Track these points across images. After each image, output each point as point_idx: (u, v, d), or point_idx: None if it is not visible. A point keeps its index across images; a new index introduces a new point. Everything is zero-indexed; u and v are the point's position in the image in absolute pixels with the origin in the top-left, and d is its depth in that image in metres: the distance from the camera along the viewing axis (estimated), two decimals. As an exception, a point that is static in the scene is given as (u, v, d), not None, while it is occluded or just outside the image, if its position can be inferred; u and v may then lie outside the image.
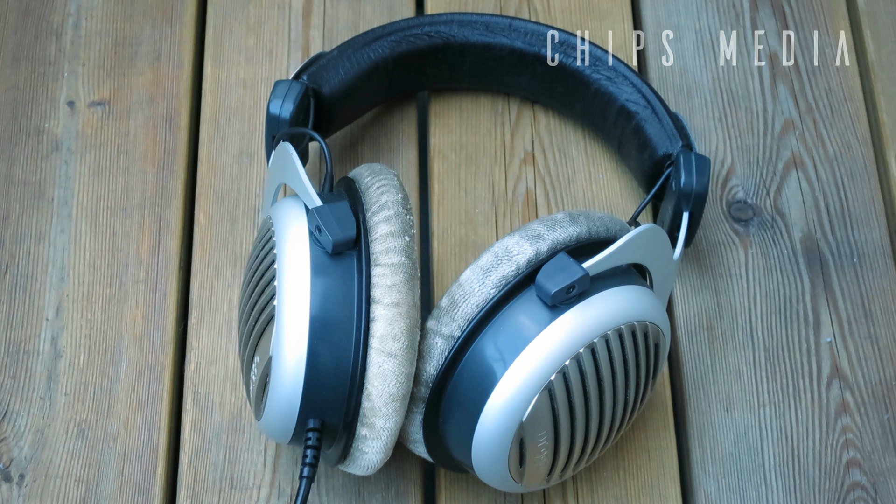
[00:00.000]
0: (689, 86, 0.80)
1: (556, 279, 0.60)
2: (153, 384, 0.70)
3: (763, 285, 0.74)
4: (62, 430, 0.69)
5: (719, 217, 0.76)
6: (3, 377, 0.70)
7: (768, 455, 0.69)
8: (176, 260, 0.74)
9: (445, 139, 0.78)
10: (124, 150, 0.77)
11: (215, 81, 0.79)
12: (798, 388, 0.71)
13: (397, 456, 0.67)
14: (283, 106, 0.69)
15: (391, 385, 0.60)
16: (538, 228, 0.62)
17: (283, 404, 0.61)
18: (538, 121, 0.79)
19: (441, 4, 0.82)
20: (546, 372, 0.60)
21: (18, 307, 0.72)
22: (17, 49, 0.80)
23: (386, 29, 0.75)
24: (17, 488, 0.67)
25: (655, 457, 0.69)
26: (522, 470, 0.62)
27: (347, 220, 0.61)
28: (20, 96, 0.79)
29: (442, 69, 0.77)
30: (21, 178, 0.76)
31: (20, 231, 0.74)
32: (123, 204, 0.75)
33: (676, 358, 0.72)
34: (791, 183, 0.77)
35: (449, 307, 0.61)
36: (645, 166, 0.73)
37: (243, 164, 0.77)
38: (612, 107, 0.74)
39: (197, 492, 0.68)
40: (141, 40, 0.80)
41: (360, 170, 0.65)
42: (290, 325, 0.60)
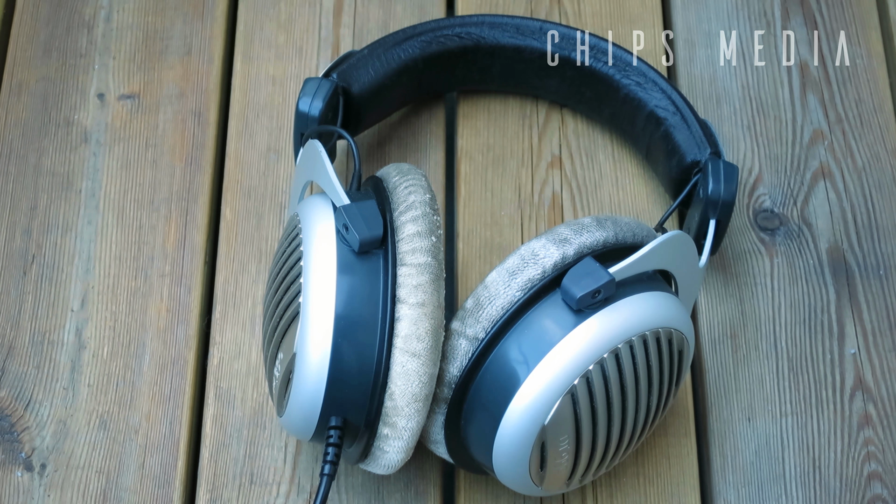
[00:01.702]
0: (719, 93, 0.80)
1: (581, 283, 0.60)
2: (176, 378, 0.70)
3: (788, 295, 0.74)
4: (84, 421, 0.69)
5: (745, 225, 0.76)
6: (27, 367, 0.70)
7: (789, 465, 0.69)
8: (201, 254, 0.74)
9: (473, 141, 0.78)
10: (153, 144, 0.77)
11: (245, 77, 0.80)
12: (821, 398, 0.71)
13: (417, 456, 0.67)
14: (313, 103, 0.69)
15: (414, 385, 0.60)
16: (565, 232, 0.62)
17: (306, 401, 0.61)
18: (566, 124, 0.79)
19: (472, 6, 0.82)
20: (570, 376, 0.60)
21: (44, 297, 0.73)
22: (48, 41, 0.80)
23: (416, 29, 0.75)
24: (38, 478, 0.68)
25: (676, 464, 0.69)
26: (543, 473, 0.62)
27: (375, 219, 0.61)
28: (51, 88, 0.79)
29: (471, 70, 0.77)
30: (50, 168, 0.76)
31: (48, 222, 0.75)
32: (150, 197, 0.76)
33: (699, 365, 0.72)
34: (819, 193, 0.77)
35: (474, 308, 0.61)
36: (672, 173, 0.73)
37: (270, 160, 0.77)
38: (641, 112, 0.74)
39: (217, 486, 0.68)
40: (172, 34, 0.81)
41: (387, 169, 0.65)
42: (314, 322, 0.60)
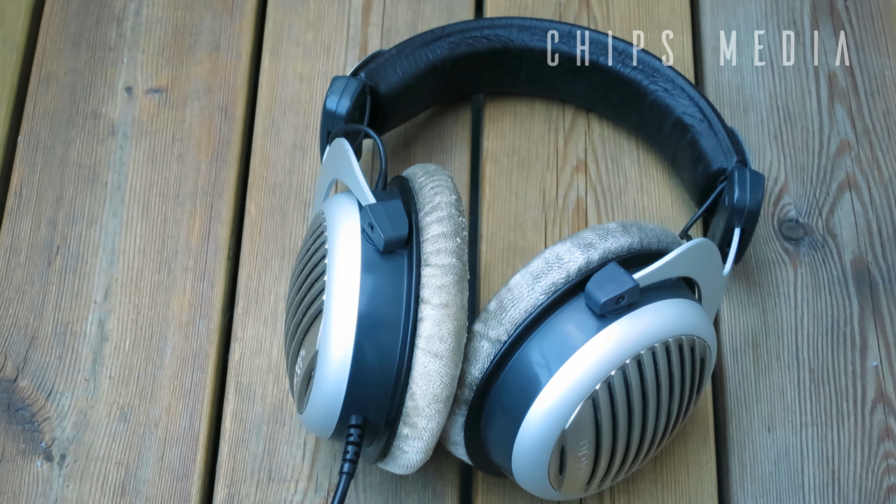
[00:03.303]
0: (746, 101, 0.80)
1: (605, 288, 0.60)
2: (196, 372, 0.71)
3: (811, 305, 0.73)
4: (105, 413, 0.69)
5: (770, 235, 0.76)
6: (49, 357, 0.71)
7: (808, 476, 0.69)
8: (225, 250, 0.74)
9: (498, 143, 0.78)
10: (179, 138, 0.78)
11: (272, 74, 0.80)
12: (841, 410, 0.70)
13: (436, 457, 0.67)
14: (340, 102, 0.70)
15: (436, 386, 0.60)
16: (590, 237, 0.62)
17: (327, 399, 0.61)
18: (592, 129, 0.79)
19: (500, 8, 0.82)
20: (591, 381, 0.60)
21: (68, 289, 0.73)
22: (78, 33, 0.81)
23: (445, 30, 0.75)
24: (57, 468, 0.68)
25: (694, 472, 0.69)
26: (562, 478, 0.62)
27: (400, 219, 0.61)
28: (79, 80, 0.79)
29: (499, 73, 0.77)
30: (76, 160, 0.77)
31: (73, 213, 0.75)
32: (176, 191, 0.76)
33: (720, 374, 0.72)
34: (844, 204, 0.76)
35: (497, 311, 0.61)
36: (698, 180, 0.72)
37: (296, 157, 0.77)
38: (668, 119, 0.74)
39: (235, 481, 0.68)
40: (201, 30, 0.81)
41: (414, 169, 0.65)
42: (337, 320, 0.60)
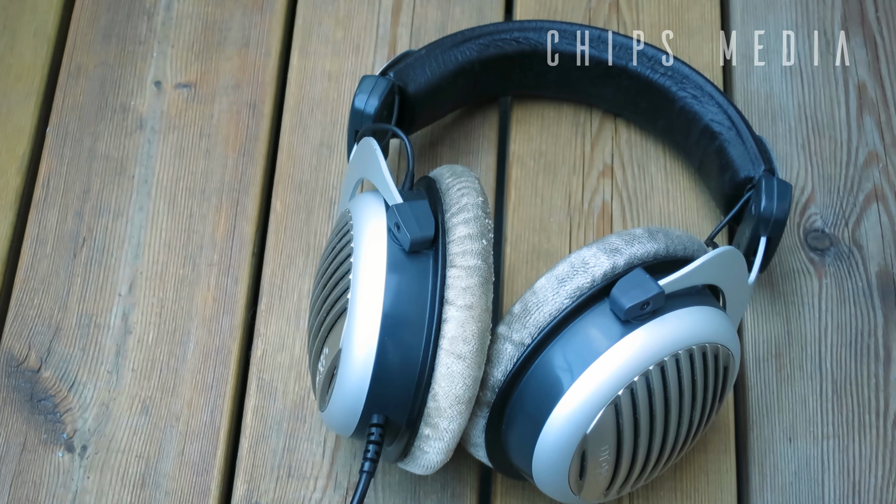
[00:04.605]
0: (775, 110, 0.79)
1: (631, 294, 0.60)
2: (219, 367, 0.71)
3: (835, 316, 0.73)
4: (127, 406, 0.70)
5: (795, 245, 0.75)
6: (73, 348, 0.71)
7: (829, 488, 0.68)
8: (250, 246, 0.75)
9: (525, 146, 0.78)
10: (207, 133, 0.78)
11: (301, 72, 0.80)
12: (864, 423, 0.70)
13: (456, 458, 0.67)
14: (369, 101, 0.70)
15: (458, 387, 0.60)
16: (616, 242, 0.62)
17: (349, 397, 0.61)
18: (619, 134, 0.78)
19: (530, 11, 0.82)
20: (614, 386, 0.60)
21: (92, 281, 0.73)
22: (108, 26, 0.81)
23: (475, 32, 0.75)
24: (78, 459, 0.68)
25: (714, 480, 0.69)
26: (582, 482, 0.62)
27: (426, 220, 0.61)
28: (109, 73, 0.79)
29: (527, 76, 0.77)
30: (104, 153, 0.77)
31: (100, 205, 0.75)
32: (202, 186, 0.76)
33: (742, 382, 0.72)
34: (871, 216, 0.76)
35: (521, 314, 0.61)
36: (725, 187, 0.72)
37: (323, 155, 0.77)
38: (696, 125, 0.74)
39: (255, 477, 0.68)
40: (231, 26, 0.81)
41: (441, 170, 0.65)
42: (362, 319, 0.60)
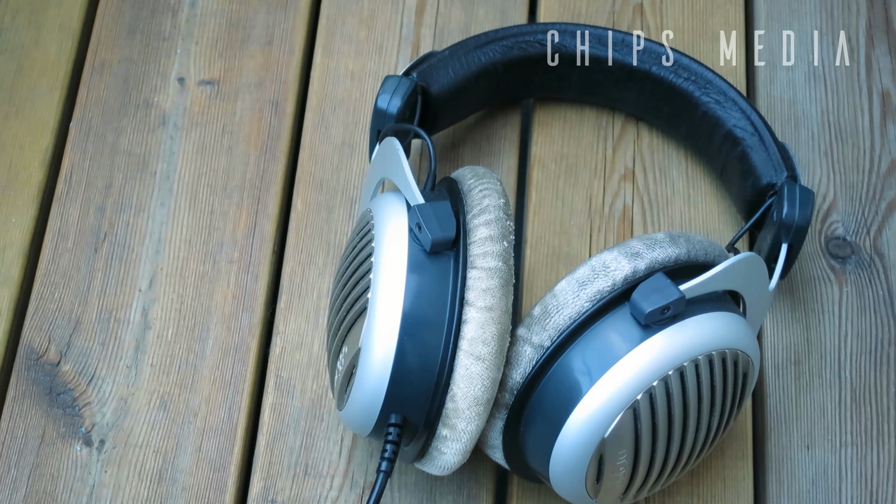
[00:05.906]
0: (798, 117, 0.79)
1: (651, 299, 0.60)
2: (237, 364, 0.71)
3: (855, 324, 0.73)
4: (145, 401, 0.70)
5: (816, 252, 0.75)
6: (92, 343, 0.71)
7: (846, 497, 0.68)
8: (270, 244, 0.75)
9: (547, 148, 0.78)
10: (229, 131, 0.78)
11: (324, 70, 0.80)
12: (882, 431, 0.70)
13: (472, 459, 0.67)
14: (392, 101, 0.70)
15: (477, 388, 0.60)
16: (637, 246, 0.62)
17: (368, 397, 0.61)
18: (641, 138, 0.78)
19: (553, 13, 0.82)
20: (633, 391, 0.60)
21: (113, 275, 0.73)
22: (133, 22, 0.81)
23: (499, 33, 0.75)
24: (96, 453, 0.68)
25: (731, 486, 0.69)
26: (599, 486, 0.62)
27: (448, 220, 0.61)
28: (132, 69, 0.80)
29: (550, 78, 0.77)
30: (127, 148, 0.77)
31: (121, 201, 0.75)
32: (224, 184, 0.76)
33: (761, 389, 0.71)
34: (893, 224, 0.76)
35: (541, 316, 0.61)
36: (747, 193, 0.72)
37: (344, 154, 0.77)
38: (719, 131, 0.74)
39: (271, 474, 0.68)
40: (255, 24, 0.81)
41: (463, 171, 0.65)
42: (381, 318, 0.60)
